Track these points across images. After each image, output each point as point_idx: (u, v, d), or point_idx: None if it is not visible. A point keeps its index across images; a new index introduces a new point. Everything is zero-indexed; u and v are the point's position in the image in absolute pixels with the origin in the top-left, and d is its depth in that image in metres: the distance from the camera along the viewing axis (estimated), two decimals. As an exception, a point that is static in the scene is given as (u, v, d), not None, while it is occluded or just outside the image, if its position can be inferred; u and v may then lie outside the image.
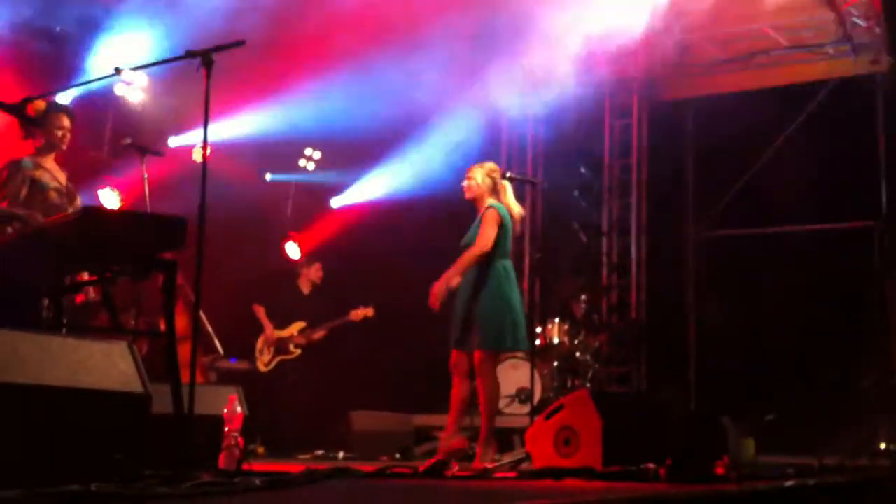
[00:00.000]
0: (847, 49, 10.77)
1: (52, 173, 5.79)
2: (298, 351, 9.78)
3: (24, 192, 5.64)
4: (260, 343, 9.82)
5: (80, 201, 5.86)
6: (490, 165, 6.84)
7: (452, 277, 6.50)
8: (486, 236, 6.47)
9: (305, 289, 10.08)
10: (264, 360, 9.76)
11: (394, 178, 11.29)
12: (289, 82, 9.58)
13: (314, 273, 10.07)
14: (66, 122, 5.85)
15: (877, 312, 9.86)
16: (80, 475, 3.38)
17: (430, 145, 10.58)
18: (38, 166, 5.75)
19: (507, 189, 6.80)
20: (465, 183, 6.75)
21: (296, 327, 9.82)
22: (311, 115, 10.19)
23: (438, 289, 6.43)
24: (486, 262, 6.50)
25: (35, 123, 5.75)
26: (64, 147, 5.87)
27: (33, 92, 5.88)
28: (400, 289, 10.78)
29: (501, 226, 6.57)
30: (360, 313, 9.83)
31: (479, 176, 6.72)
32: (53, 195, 5.71)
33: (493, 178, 6.74)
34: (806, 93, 10.94)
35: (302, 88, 9.61)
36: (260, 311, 9.84)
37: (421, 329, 10.67)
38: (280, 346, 9.77)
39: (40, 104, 5.75)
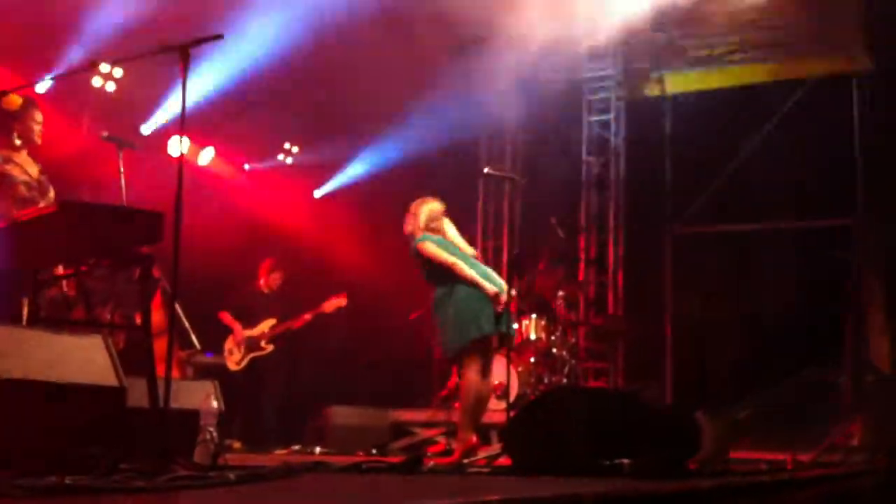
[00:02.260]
0: (825, 48, 10.85)
1: (23, 167, 5.75)
2: (271, 347, 9.70)
3: None
4: (229, 344, 9.72)
5: (52, 194, 5.83)
6: (432, 206, 6.98)
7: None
8: (447, 264, 6.69)
9: (265, 289, 10.00)
10: (235, 360, 9.66)
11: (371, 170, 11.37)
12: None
13: (273, 281, 9.99)
14: (40, 116, 5.84)
15: (854, 310, 9.94)
16: (55, 468, 3.37)
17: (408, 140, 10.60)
18: (8, 160, 5.70)
19: (450, 227, 6.99)
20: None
21: (266, 324, 9.75)
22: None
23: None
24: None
25: (12, 118, 5.73)
26: (39, 142, 5.84)
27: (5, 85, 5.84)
28: (378, 285, 10.80)
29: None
30: (333, 303, 9.73)
31: (421, 213, 6.92)
32: (22, 189, 5.67)
33: (429, 216, 6.92)
34: (784, 91, 11.02)
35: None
36: (226, 317, 9.77)
37: (398, 325, 10.69)
38: (251, 344, 9.69)
39: (17, 99, 5.72)
